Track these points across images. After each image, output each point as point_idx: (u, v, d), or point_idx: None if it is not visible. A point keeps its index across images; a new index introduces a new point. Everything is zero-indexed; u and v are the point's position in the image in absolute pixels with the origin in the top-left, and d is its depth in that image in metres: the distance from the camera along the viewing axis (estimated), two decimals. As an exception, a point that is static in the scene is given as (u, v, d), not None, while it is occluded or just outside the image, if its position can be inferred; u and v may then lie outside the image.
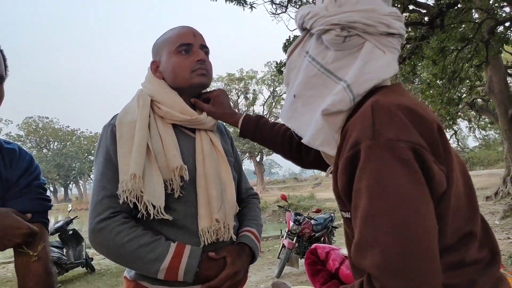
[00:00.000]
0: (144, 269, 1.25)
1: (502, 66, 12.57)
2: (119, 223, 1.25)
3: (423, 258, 0.67)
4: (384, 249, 0.68)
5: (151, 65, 1.45)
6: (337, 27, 0.88)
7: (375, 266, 0.69)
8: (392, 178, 0.71)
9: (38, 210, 1.25)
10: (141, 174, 1.24)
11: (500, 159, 27.60)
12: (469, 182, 0.88)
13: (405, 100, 0.81)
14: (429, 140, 0.75)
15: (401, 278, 0.67)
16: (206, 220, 1.33)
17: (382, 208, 0.70)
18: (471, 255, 0.82)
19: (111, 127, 1.34)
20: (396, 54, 0.91)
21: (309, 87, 0.95)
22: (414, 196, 0.70)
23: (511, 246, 6.27)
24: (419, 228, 0.68)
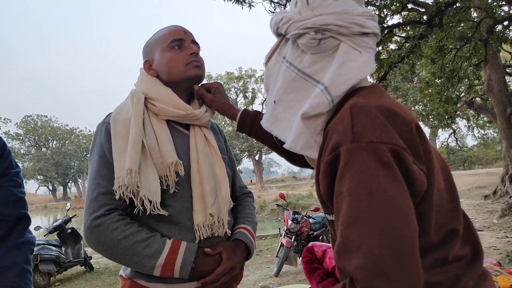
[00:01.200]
0: (140, 265, 1.26)
1: (500, 65, 12.57)
2: (115, 220, 1.26)
3: (408, 259, 0.68)
4: (368, 251, 0.68)
5: (144, 65, 1.46)
6: (311, 30, 0.88)
7: (360, 268, 0.68)
8: (374, 181, 0.71)
9: None
10: (137, 169, 1.25)
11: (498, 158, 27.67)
12: (450, 179, 0.89)
13: (384, 101, 0.81)
14: (408, 141, 0.76)
15: (386, 279, 0.66)
16: (201, 215, 1.34)
17: (365, 210, 0.70)
18: (455, 252, 0.82)
19: (105, 125, 1.36)
20: (372, 54, 0.92)
21: (289, 92, 0.96)
22: (397, 198, 0.70)
23: (509, 244, 6.29)
24: (402, 229, 0.69)
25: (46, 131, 51.81)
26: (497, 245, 6.34)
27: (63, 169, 49.33)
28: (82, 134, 53.45)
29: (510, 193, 11.46)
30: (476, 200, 13.07)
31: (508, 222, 8.51)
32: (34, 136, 51.13)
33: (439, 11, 7.49)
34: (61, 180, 51.71)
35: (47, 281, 7.21)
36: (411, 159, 0.74)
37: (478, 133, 33.47)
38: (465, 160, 33.00)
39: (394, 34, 9.46)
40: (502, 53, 12.64)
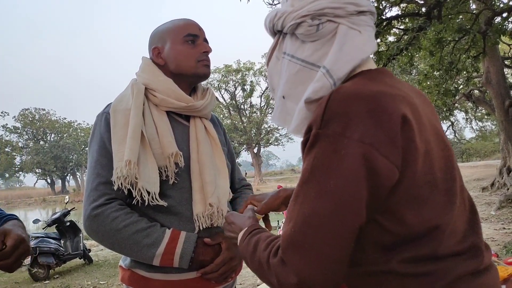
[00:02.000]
0: (139, 254, 1.26)
1: (499, 57, 12.56)
2: (115, 209, 1.26)
3: (324, 246, 0.74)
4: (294, 225, 0.77)
5: (153, 51, 1.44)
6: (308, 18, 0.88)
7: (284, 236, 0.79)
8: (323, 169, 0.75)
9: None
10: (135, 160, 1.25)
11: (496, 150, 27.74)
12: (451, 170, 0.86)
13: (373, 87, 0.80)
14: (384, 130, 0.74)
15: (297, 253, 0.75)
16: (200, 205, 1.34)
17: (306, 192, 0.77)
18: (446, 247, 0.80)
19: (105, 115, 1.36)
20: (371, 32, 0.91)
21: (296, 84, 0.94)
22: (336, 190, 0.74)
23: (506, 236, 6.33)
24: (331, 219, 0.74)
25: (44, 124, 51.63)
26: (495, 237, 6.37)
27: (62, 162, 49.26)
28: (80, 127, 53.30)
29: (507, 185, 11.50)
30: (474, 192, 13.11)
31: (505, 214, 8.56)
32: (32, 130, 50.98)
33: (437, 3, 7.47)
34: (60, 173, 51.66)
35: (46, 273, 7.22)
36: (377, 154, 0.73)
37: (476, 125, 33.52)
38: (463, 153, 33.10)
39: (392, 26, 9.43)
40: (501, 45, 12.61)
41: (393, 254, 0.80)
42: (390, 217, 0.79)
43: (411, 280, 0.79)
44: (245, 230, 1.01)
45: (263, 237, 0.91)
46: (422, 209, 0.79)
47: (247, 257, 0.92)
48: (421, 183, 0.79)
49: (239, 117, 37.81)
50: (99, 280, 6.68)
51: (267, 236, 0.91)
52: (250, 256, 0.90)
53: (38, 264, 7.11)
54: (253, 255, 0.89)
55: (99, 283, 6.44)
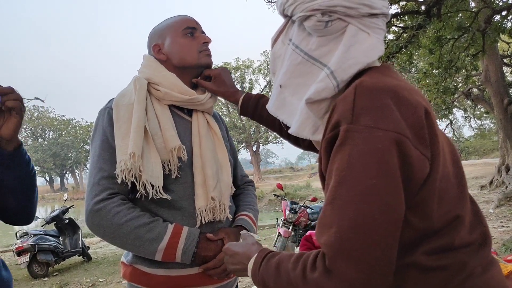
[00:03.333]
0: (141, 249, 1.26)
1: (498, 55, 12.57)
2: (117, 204, 1.26)
3: (374, 247, 0.70)
4: (338, 231, 0.71)
5: (153, 48, 1.45)
6: (318, 12, 0.85)
7: (328, 245, 0.72)
8: (361, 166, 0.72)
9: None
10: (140, 153, 1.25)
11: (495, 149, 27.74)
12: (458, 164, 0.87)
13: (391, 81, 0.79)
14: (412, 124, 0.74)
15: (347, 261, 0.70)
16: (202, 199, 1.35)
17: (346, 193, 0.72)
18: (461, 238, 0.81)
19: (108, 110, 1.36)
20: (381, 35, 0.89)
21: (295, 76, 0.93)
22: (379, 186, 0.71)
23: (505, 234, 6.34)
24: (376, 218, 0.70)
25: (42, 121, 51.57)
26: (494, 235, 6.39)
27: (60, 160, 49.20)
28: (79, 125, 53.19)
29: (506, 183, 11.52)
30: (473, 190, 13.13)
31: (504, 212, 8.57)
32: (31, 127, 50.91)
33: (437, 1, 7.46)
34: (58, 171, 51.62)
35: (45, 271, 7.22)
36: (411, 145, 0.72)
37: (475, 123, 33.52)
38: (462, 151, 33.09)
39: (392, 24, 9.43)
40: (500, 43, 12.61)
41: (415, 248, 0.80)
42: (416, 212, 0.78)
43: (429, 275, 0.79)
44: (255, 256, 0.94)
45: (284, 257, 0.85)
46: (443, 202, 0.80)
47: (269, 283, 0.85)
48: (441, 176, 0.79)
49: (238, 114, 37.74)
50: (98, 277, 6.67)
51: (289, 256, 0.85)
52: (274, 281, 0.84)
53: (37, 262, 7.11)
54: (277, 279, 0.83)
55: (98, 281, 6.43)
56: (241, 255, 1.00)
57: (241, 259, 1.00)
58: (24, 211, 1.31)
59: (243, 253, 1.00)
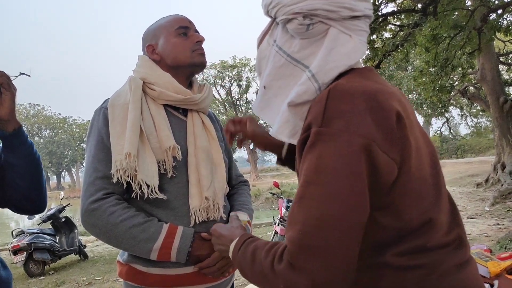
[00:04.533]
0: (137, 249, 1.27)
1: (494, 53, 12.60)
2: (112, 204, 1.26)
3: (335, 247, 0.72)
4: (302, 228, 0.74)
5: (147, 49, 1.46)
6: (299, 16, 0.86)
7: (291, 240, 0.76)
8: (328, 168, 0.74)
9: None
10: (135, 153, 1.26)
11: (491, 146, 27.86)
12: (436, 165, 0.88)
13: (367, 84, 0.80)
14: (382, 128, 0.75)
15: (308, 257, 0.73)
16: (196, 199, 1.35)
17: (312, 193, 0.75)
18: (436, 240, 0.82)
19: (103, 110, 1.36)
20: (364, 36, 0.89)
21: (278, 77, 0.94)
22: (344, 190, 0.73)
23: (500, 231, 6.36)
24: (339, 219, 0.72)
25: (39, 120, 51.42)
26: (489, 232, 6.41)
27: (57, 158, 49.08)
28: (75, 123, 53.09)
29: (502, 181, 11.55)
30: (469, 188, 13.18)
31: (499, 210, 8.60)
32: (27, 125, 50.68)
33: (433, -1, 7.47)
34: (55, 169, 51.47)
35: (41, 269, 7.19)
36: (378, 150, 0.74)
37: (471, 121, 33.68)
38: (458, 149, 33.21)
39: (388, 22, 9.44)
40: (496, 41, 12.66)
41: (387, 248, 0.81)
42: (387, 214, 0.80)
43: (405, 273, 0.80)
44: (237, 240, 0.98)
45: (260, 244, 0.89)
46: (417, 204, 0.81)
47: (245, 267, 0.89)
48: (414, 179, 0.80)
49: (235, 113, 37.76)
50: (94, 276, 6.66)
51: (265, 243, 0.88)
52: (249, 267, 0.87)
53: (33, 260, 7.09)
54: (252, 265, 0.86)
55: (95, 279, 6.42)
56: (226, 237, 1.05)
57: (225, 241, 1.04)
58: (35, 195, 1.35)
59: (227, 235, 1.05)
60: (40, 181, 1.35)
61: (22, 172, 1.30)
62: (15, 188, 1.30)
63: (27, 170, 1.30)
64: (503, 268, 2.77)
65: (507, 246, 5.02)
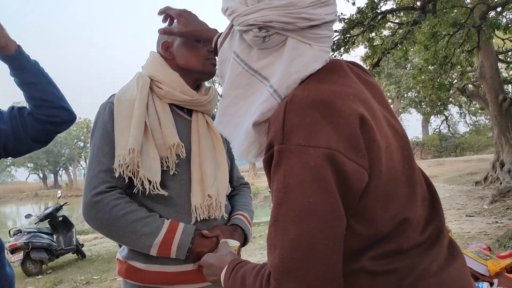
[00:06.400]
0: (137, 243, 1.28)
1: (493, 51, 12.60)
2: (115, 198, 1.28)
3: (318, 264, 0.70)
4: (281, 252, 0.72)
5: (162, 45, 1.46)
6: (254, 27, 0.82)
7: (273, 266, 0.74)
8: (297, 186, 0.71)
9: None
10: (139, 149, 1.28)
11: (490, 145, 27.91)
12: (409, 160, 0.85)
13: (323, 90, 0.77)
14: (345, 136, 0.73)
15: (293, 280, 0.71)
16: (198, 196, 1.36)
17: (286, 214, 0.73)
18: (411, 239, 0.80)
19: (109, 104, 1.38)
20: (326, 43, 0.85)
21: (235, 87, 0.91)
22: (317, 204, 0.71)
23: (499, 230, 6.36)
24: (317, 236, 0.71)
25: (36, 118, 51.17)
26: (488, 231, 6.41)
27: (54, 157, 49.02)
28: (73, 122, 52.90)
29: (500, 179, 11.56)
30: (468, 186, 13.18)
31: (498, 208, 8.60)
32: (24, 124, 50.47)
33: (433, -4, 7.45)
34: (52, 168, 51.42)
35: (39, 268, 7.19)
36: (344, 158, 0.72)
37: (470, 119, 33.76)
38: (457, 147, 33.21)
39: (387, 20, 9.43)
40: (495, 39, 12.65)
41: (362, 253, 0.79)
42: (362, 220, 0.78)
43: (380, 279, 0.78)
44: (226, 268, 0.96)
45: (249, 269, 0.87)
46: (390, 205, 0.78)
47: None
48: (386, 180, 0.77)
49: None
50: (92, 275, 6.64)
51: (252, 268, 0.86)
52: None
53: (31, 259, 7.08)
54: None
55: (93, 278, 6.40)
56: (216, 267, 1.03)
57: (216, 270, 1.03)
58: (64, 102, 1.45)
59: (217, 265, 1.04)
60: (55, 87, 1.45)
61: (44, 87, 1.40)
62: (39, 96, 1.39)
63: (47, 83, 1.41)
64: (502, 267, 2.76)
65: (506, 244, 5.01)
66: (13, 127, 1.39)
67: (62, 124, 1.46)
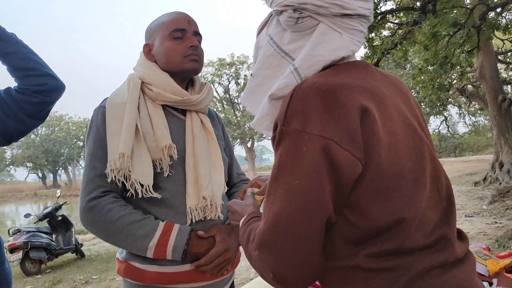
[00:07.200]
0: (133, 246, 1.29)
1: (493, 52, 12.62)
2: (110, 202, 1.29)
3: (294, 242, 0.75)
4: (265, 223, 0.78)
5: (144, 48, 1.46)
6: (290, 9, 0.85)
7: (258, 233, 0.80)
8: (288, 167, 0.76)
9: None
10: (129, 153, 1.28)
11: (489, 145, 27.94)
12: (421, 160, 0.84)
13: (333, 81, 0.78)
14: (343, 126, 0.74)
15: (269, 252, 0.77)
16: (194, 198, 1.36)
17: (275, 190, 0.78)
18: (413, 241, 0.79)
19: (102, 109, 1.38)
20: (357, 36, 0.88)
21: (265, 67, 0.94)
22: (302, 189, 0.74)
23: (498, 230, 6.37)
24: (296, 216, 0.75)
25: (35, 118, 51.06)
26: (487, 231, 6.41)
27: (53, 156, 48.97)
28: (72, 121, 52.79)
29: (500, 180, 11.58)
30: (467, 187, 13.19)
31: (497, 208, 8.61)
32: (24, 123, 50.38)
33: (432, -4, 7.45)
34: (51, 167, 51.36)
35: (38, 268, 7.18)
36: (338, 148, 0.73)
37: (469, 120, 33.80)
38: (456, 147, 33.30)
39: (387, 20, 9.42)
40: (494, 40, 12.66)
41: (359, 249, 0.79)
42: (355, 211, 0.79)
43: (375, 275, 0.78)
44: (244, 218, 1.01)
45: (255, 227, 0.90)
46: (387, 202, 0.78)
47: (243, 246, 0.93)
48: (386, 175, 0.77)
49: (232, 111, 37.77)
50: (91, 274, 6.64)
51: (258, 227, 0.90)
52: (245, 246, 0.91)
53: (30, 259, 7.07)
54: (245, 246, 0.90)
55: (92, 278, 6.40)
56: (238, 214, 1.08)
57: (237, 217, 1.08)
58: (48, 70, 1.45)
59: (240, 212, 1.08)
60: (41, 59, 1.45)
61: (25, 55, 1.39)
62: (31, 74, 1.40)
63: (27, 52, 1.41)
64: (502, 267, 2.75)
65: (505, 244, 5.02)
66: (4, 110, 1.39)
67: (52, 93, 1.45)
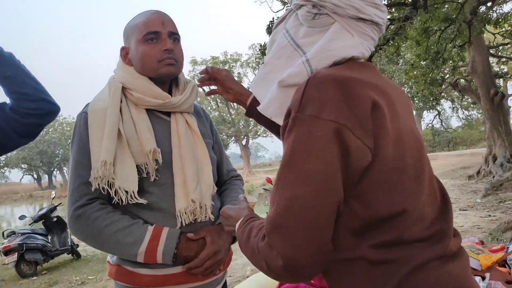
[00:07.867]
0: (123, 253, 1.28)
1: (484, 46, 12.66)
2: (96, 209, 1.27)
3: (305, 227, 0.77)
4: (276, 209, 0.79)
5: (121, 52, 1.42)
6: (309, 4, 0.90)
7: (267, 221, 0.82)
8: (301, 152, 0.78)
9: None
10: (111, 160, 1.25)
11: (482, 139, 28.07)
12: (421, 159, 0.88)
13: (346, 74, 0.82)
14: (356, 114, 0.78)
15: (279, 237, 0.78)
16: (183, 201, 1.34)
17: (287, 176, 0.80)
18: (413, 233, 0.81)
19: (84, 115, 1.35)
20: (367, 40, 0.92)
21: (277, 57, 0.98)
22: (315, 173, 0.76)
23: (492, 223, 6.40)
24: (309, 201, 0.76)
25: (29, 119, 50.72)
26: (481, 224, 6.45)
27: (48, 157, 48.66)
28: (66, 122, 52.41)
29: (493, 173, 11.64)
30: (461, 180, 13.25)
31: (491, 202, 8.65)
32: (17, 124, 50.03)
33: (423, -8, 7.47)
34: (46, 168, 51.06)
35: (33, 270, 7.14)
36: (351, 134, 0.77)
37: (462, 114, 33.92)
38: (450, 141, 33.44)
39: (379, 16, 9.41)
40: (486, 34, 12.71)
41: (362, 240, 0.82)
42: (359, 201, 0.81)
43: (376, 267, 0.80)
44: (241, 220, 1.03)
45: (256, 224, 0.94)
46: (390, 194, 0.81)
47: (241, 245, 0.94)
48: (391, 168, 0.81)
49: (227, 109, 37.70)
50: (87, 275, 6.63)
51: (260, 223, 0.93)
52: (244, 244, 0.92)
53: (25, 261, 7.04)
54: (246, 242, 0.91)
55: (88, 278, 6.39)
56: (233, 219, 1.09)
57: (233, 222, 1.09)
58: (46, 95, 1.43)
59: (234, 216, 1.09)
60: (37, 82, 1.43)
61: (21, 80, 1.37)
62: (26, 99, 1.37)
63: (24, 75, 1.39)
64: (494, 261, 2.78)
65: (498, 237, 5.05)
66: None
67: (45, 116, 1.43)
